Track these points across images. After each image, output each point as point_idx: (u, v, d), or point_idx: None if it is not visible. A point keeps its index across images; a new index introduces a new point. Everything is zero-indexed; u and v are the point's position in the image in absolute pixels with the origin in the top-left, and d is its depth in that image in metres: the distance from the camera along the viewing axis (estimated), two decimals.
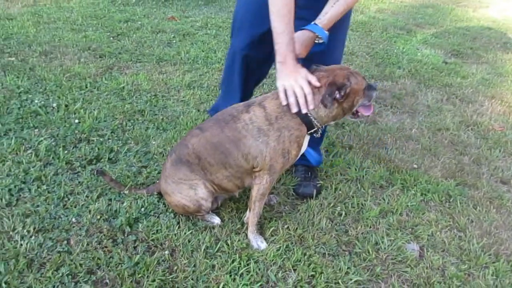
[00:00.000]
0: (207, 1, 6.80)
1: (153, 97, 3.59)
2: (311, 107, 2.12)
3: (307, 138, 2.27)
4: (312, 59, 2.35)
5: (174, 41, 4.85)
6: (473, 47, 6.04)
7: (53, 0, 6.00)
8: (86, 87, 3.60)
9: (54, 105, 3.26)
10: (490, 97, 4.51)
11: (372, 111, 2.31)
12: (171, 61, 4.33)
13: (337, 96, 2.12)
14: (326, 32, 2.31)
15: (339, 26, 2.42)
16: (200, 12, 6.15)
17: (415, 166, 3.15)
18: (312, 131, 2.22)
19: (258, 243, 2.26)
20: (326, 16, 2.30)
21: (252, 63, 2.69)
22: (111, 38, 4.72)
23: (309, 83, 2.13)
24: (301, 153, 2.28)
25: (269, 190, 2.27)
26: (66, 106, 3.27)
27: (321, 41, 2.34)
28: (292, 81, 2.12)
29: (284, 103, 2.13)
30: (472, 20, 7.37)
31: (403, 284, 2.20)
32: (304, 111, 2.12)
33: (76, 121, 3.08)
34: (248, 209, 2.33)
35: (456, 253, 2.42)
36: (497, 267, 2.35)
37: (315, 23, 2.31)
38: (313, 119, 2.17)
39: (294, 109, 2.12)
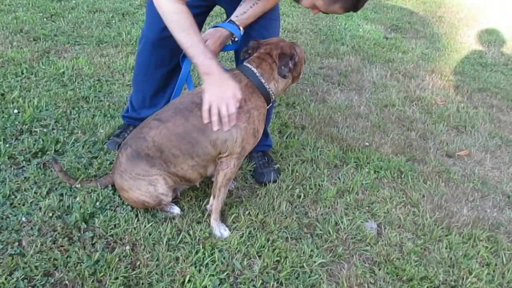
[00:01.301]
0: None
1: (96, 82, 3.42)
2: (232, 124, 2.07)
3: None
4: (251, 35, 2.37)
5: (113, 21, 4.63)
6: (411, 21, 6.19)
7: None
8: (22, 74, 3.37)
9: None
10: (430, 71, 4.65)
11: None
12: (112, 42, 4.13)
13: (291, 65, 2.17)
14: (241, 31, 2.32)
15: (273, 20, 2.49)
16: None
17: (367, 143, 3.20)
18: (269, 106, 2.27)
19: (221, 231, 2.23)
20: (244, 16, 2.31)
21: (164, 52, 2.51)
22: (45, 19, 4.43)
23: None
24: None
25: (235, 174, 2.25)
26: (2, 95, 3.05)
27: (236, 39, 2.36)
28: (219, 99, 2.03)
29: (206, 121, 2.06)
30: None
31: (364, 263, 2.25)
32: (225, 129, 2.07)
33: (15, 111, 2.88)
34: (212, 196, 2.29)
35: (411, 229, 2.50)
36: (450, 239, 2.45)
37: (231, 21, 2.31)
38: (272, 94, 2.22)
39: (215, 127, 2.07)
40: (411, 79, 4.39)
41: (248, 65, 2.20)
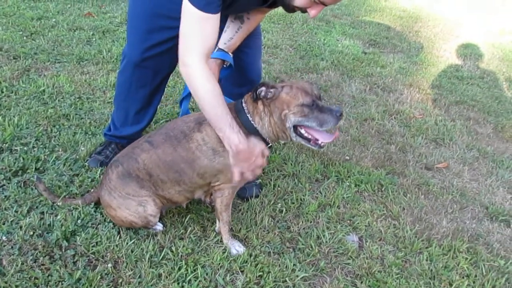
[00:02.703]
0: None
1: (77, 99, 3.41)
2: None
3: None
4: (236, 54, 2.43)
5: (94, 39, 4.63)
6: (388, 36, 6.31)
7: None
8: (3, 92, 3.35)
9: None
10: (408, 85, 4.74)
11: (331, 139, 2.10)
12: (92, 60, 4.13)
13: (262, 93, 2.05)
14: (231, 56, 2.38)
15: (255, 38, 2.55)
16: (118, 7, 5.91)
17: (347, 157, 3.24)
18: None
19: (236, 248, 2.26)
20: (232, 41, 2.38)
21: (147, 72, 2.52)
22: (25, 38, 4.42)
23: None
24: None
25: (232, 200, 2.26)
26: None
27: (228, 64, 2.41)
28: (250, 171, 2.05)
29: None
30: (385, 10, 7.68)
31: (346, 276, 2.27)
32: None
33: None
34: (217, 220, 2.33)
35: (392, 241, 2.53)
36: (430, 251, 2.49)
37: (220, 49, 2.36)
38: (261, 133, 2.13)
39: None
40: (389, 93, 4.47)
41: (242, 100, 2.16)
